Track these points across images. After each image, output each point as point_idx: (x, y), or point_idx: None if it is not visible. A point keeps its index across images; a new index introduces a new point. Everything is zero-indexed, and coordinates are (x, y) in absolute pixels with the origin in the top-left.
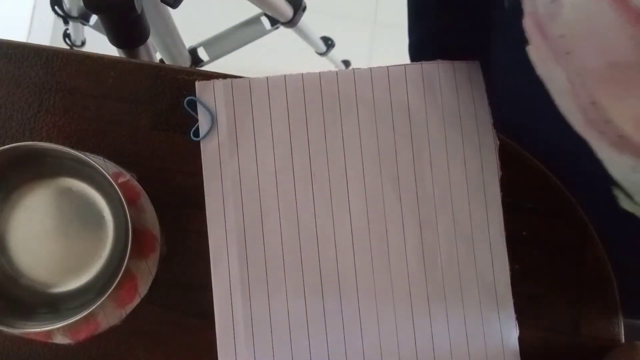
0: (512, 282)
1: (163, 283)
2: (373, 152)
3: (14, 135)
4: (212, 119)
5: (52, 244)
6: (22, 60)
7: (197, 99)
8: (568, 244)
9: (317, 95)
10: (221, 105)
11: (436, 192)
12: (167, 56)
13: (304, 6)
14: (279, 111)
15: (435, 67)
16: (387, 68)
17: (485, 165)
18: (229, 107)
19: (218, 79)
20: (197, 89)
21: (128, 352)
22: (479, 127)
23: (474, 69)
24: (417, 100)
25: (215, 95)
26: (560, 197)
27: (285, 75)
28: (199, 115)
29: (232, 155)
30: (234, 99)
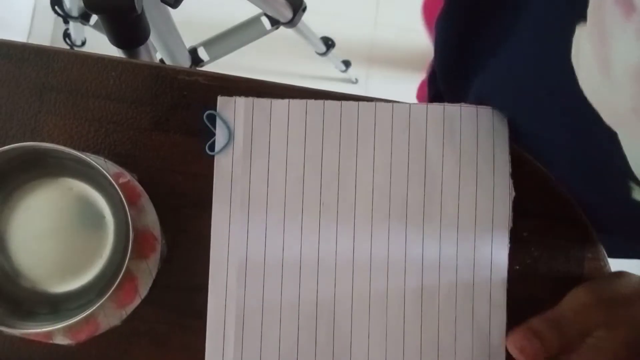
0: (512, 282)
1: (163, 284)
2: (384, 189)
3: (15, 136)
4: (229, 135)
5: (53, 245)
6: (23, 60)
7: (217, 113)
8: (568, 245)
9: (336, 124)
10: (239, 122)
11: (442, 238)
12: (167, 56)
13: (304, 6)
14: (296, 135)
15: (458, 110)
16: (409, 106)
17: (496, 214)
18: (247, 125)
19: (240, 97)
20: (219, 104)
21: (128, 353)
22: (495, 177)
23: (497, 116)
24: (435, 141)
25: (236, 111)
26: (560, 199)
27: (307, 101)
28: (217, 130)
29: (244, 173)
30: (254, 118)
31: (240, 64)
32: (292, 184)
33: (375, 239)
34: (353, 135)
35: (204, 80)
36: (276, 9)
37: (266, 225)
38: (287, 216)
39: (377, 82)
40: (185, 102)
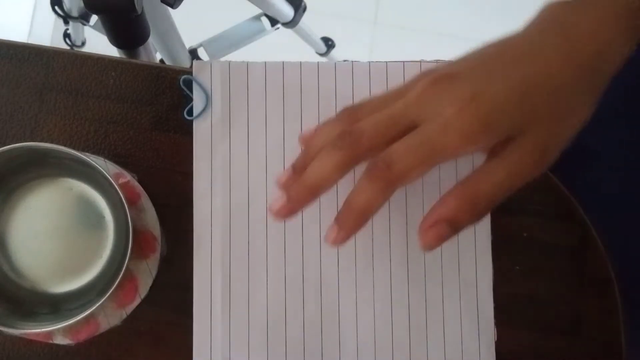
0: (512, 283)
1: (163, 283)
2: None
3: (15, 136)
4: (206, 99)
5: (53, 245)
6: (23, 60)
7: (193, 77)
8: (568, 245)
9: (314, 84)
10: (217, 86)
11: (425, 205)
12: (167, 56)
13: (305, 6)
14: (274, 97)
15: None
16: (386, 63)
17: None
18: (224, 88)
19: (216, 60)
20: (194, 68)
21: (128, 352)
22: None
23: None
24: None
25: (212, 75)
26: (560, 199)
27: (284, 62)
28: (194, 94)
29: (224, 136)
30: (230, 81)
31: None
32: (272, 146)
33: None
34: (331, 96)
35: None
36: (276, 9)
37: (248, 188)
38: (268, 178)
39: None
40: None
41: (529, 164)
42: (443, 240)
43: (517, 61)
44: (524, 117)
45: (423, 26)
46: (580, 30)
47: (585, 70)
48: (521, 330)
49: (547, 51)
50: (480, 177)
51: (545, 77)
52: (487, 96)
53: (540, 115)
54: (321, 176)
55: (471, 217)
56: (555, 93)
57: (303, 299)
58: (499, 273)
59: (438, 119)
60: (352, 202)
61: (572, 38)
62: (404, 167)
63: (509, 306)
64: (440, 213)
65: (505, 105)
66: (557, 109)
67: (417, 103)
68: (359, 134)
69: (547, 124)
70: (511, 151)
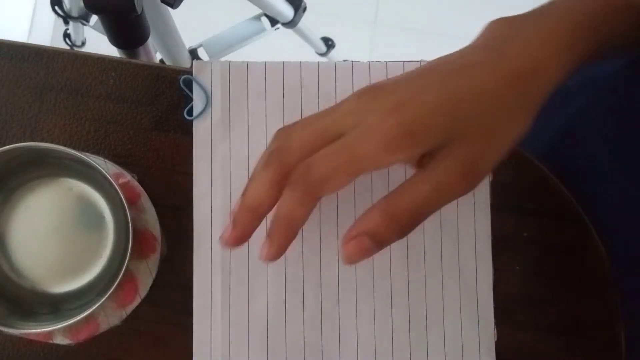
0: (512, 283)
1: (163, 283)
2: None
3: (15, 136)
4: (206, 99)
5: (53, 245)
6: (23, 60)
7: (193, 77)
8: (568, 245)
9: (314, 84)
10: (217, 86)
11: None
12: (167, 56)
13: (305, 6)
14: (274, 97)
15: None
16: (386, 63)
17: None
18: (224, 88)
19: (216, 60)
20: (194, 68)
21: (128, 352)
22: None
23: None
24: None
25: (212, 75)
26: (560, 198)
27: (284, 62)
28: (194, 94)
29: (224, 136)
30: (230, 81)
31: None
32: None
33: (358, 197)
34: (331, 96)
35: None
36: (276, 9)
37: None
38: None
39: None
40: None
41: (456, 178)
42: (365, 254)
43: (448, 74)
44: (451, 128)
45: (423, 26)
46: (514, 45)
47: (514, 85)
48: (521, 330)
49: (478, 65)
50: (405, 191)
51: (474, 89)
52: (412, 104)
53: (467, 127)
54: (257, 195)
55: (394, 232)
56: (483, 106)
57: (303, 300)
58: (499, 273)
59: (361, 126)
60: (277, 214)
61: (504, 52)
62: (322, 174)
63: (509, 306)
64: (362, 226)
65: (431, 115)
66: (485, 122)
67: (343, 114)
68: (287, 149)
69: (475, 136)
70: (438, 163)
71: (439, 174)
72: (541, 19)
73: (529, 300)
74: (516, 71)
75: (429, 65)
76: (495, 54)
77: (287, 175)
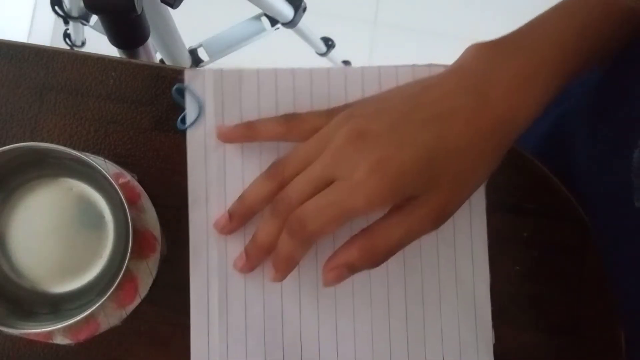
0: (512, 283)
1: (163, 284)
2: None
3: (15, 136)
4: (199, 108)
5: (53, 245)
6: (23, 60)
7: (185, 86)
8: (568, 245)
9: (307, 91)
10: (210, 94)
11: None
12: (167, 56)
13: (305, 6)
14: (267, 105)
15: (427, 70)
16: (379, 68)
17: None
18: (217, 96)
19: (209, 69)
20: (187, 77)
21: (128, 353)
22: None
23: None
24: None
25: (205, 84)
26: (561, 199)
27: (277, 69)
28: (186, 103)
29: (218, 145)
30: (223, 89)
31: (240, 64)
32: (267, 153)
33: None
34: (324, 102)
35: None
36: (276, 9)
37: None
38: None
39: None
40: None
41: (427, 222)
42: (342, 280)
43: (425, 125)
44: (427, 181)
45: (423, 26)
46: (495, 89)
47: (491, 136)
48: (521, 330)
49: (457, 114)
50: (381, 231)
51: (448, 142)
52: (394, 162)
53: (442, 180)
54: (269, 238)
55: (370, 264)
56: (457, 157)
57: (300, 304)
58: (499, 273)
59: (348, 180)
60: (280, 253)
61: (484, 97)
62: (316, 227)
63: (509, 306)
64: (342, 259)
65: (410, 172)
66: (458, 172)
67: (332, 163)
68: (288, 202)
69: (447, 186)
70: (412, 210)
71: (412, 219)
72: (525, 50)
73: (529, 300)
74: (495, 121)
75: (406, 108)
76: (474, 100)
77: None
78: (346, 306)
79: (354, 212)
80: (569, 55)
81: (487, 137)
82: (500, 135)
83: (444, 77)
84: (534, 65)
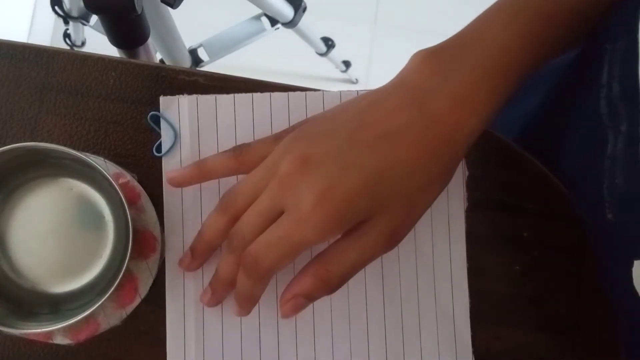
0: (512, 283)
1: (163, 284)
2: None
3: (15, 136)
4: (175, 135)
5: (53, 245)
6: (23, 60)
7: (160, 114)
8: (568, 245)
9: (284, 115)
10: (185, 121)
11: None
12: (167, 56)
13: (305, 6)
14: (244, 130)
15: None
16: (357, 92)
17: (451, 194)
18: (193, 123)
19: (183, 95)
20: (162, 104)
21: (128, 353)
22: None
23: None
24: None
25: (180, 111)
26: (561, 198)
27: (253, 95)
28: (162, 130)
29: None
30: (199, 116)
31: (240, 64)
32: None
33: None
34: None
35: (204, 80)
36: (276, 9)
37: None
38: None
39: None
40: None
41: (379, 245)
42: (300, 309)
43: (371, 147)
44: (375, 206)
45: (423, 26)
46: (439, 102)
47: (438, 153)
48: (521, 330)
49: (399, 134)
50: (334, 257)
51: (395, 163)
52: (339, 191)
53: (390, 203)
54: (228, 274)
55: (325, 291)
56: (404, 179)
57: (278, 335)
58: (499, 273)
59: (295, 212)
60: (240, 292)
61: (427, 116)
62: (270, 264)
63: (509, 306)
64: (297, 289)
65: (356, 199)
66: (406, 194)
67: (279, 193)
68: (242, 238)
69: (397, 209)
70: (363, 233)
71: (364, 243)
72: (468, 57)
73: (529, 300)
74: (442, 142)
75: (349, 130)
76: (420, 118)
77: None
78: (325, 337)
79: (304, 245)
80: (513, 58)
81: (435, 158)
82: (449, 155)
83: (388, 93)
84: (479, 73)
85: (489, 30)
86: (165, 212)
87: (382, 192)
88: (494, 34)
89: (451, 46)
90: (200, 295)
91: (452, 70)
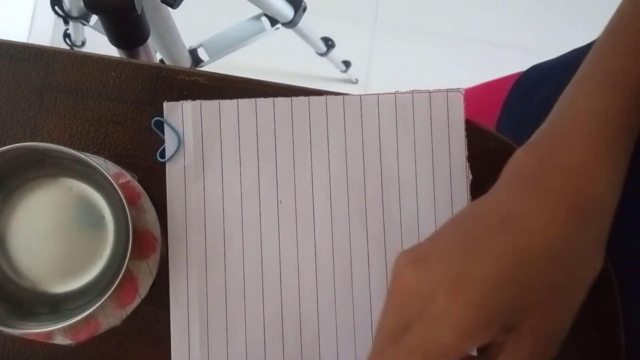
0: None
1: (163, 284)
2: (342, 182)
3: (15, 136)
4: (179, 141)
5: (53, 245)
6: (23, 60)
7: (164, 120)
8: None
9: (287, 120)
10: (189, 127)
11: (404, 228)
12: (167, 56)
13: (305, 6)
14: (247, 135)
15: (410, 97)
16: (360, 97)
17: (455, 199)
18: (196, 129)
19: (187, 101)
20: (165, 109)
21: (128, 353)
22: (452, 161)
23: (454, 99)
24: (388, 130)
25: (184, 117)
26: None
27: (256, 100)
28: (165, 136)
29: (197, 178)
30: (202, 122)
31: (241, 64)
32: (248, 185)
33: (336, 232)
34: (306, 131)
35: (204, 80)
36: (276, 9)
37: (224, 229)
38: (244, 217)
39: (377, 82)
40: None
41: (541, 355)
42: None
43: (496, 231)
44: (520, 299)
45: (423, 26)
46: (554, 176)
47: (573, 222)
48: None
49: (525, 212)
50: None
51: (534, 243)
52: (475, 277)
53: (540, 294)
54: None
55: None
56: (551, 261)
57: (283, 338)
58: None
59: (426, 315)
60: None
61: (548, 187)
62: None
63: None
64: None
65: (497, 287)
66: (558, 279)
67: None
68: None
69: (551, 302)
70: (516, 346)
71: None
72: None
73: None
74: (570, 205)
75: (463, 224)
76: (538, 192)
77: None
78: (330, 340)
79: (444, 353)
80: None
81: (569, 226)
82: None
83: (495, 188)
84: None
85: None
86: (169, 219)
87: (525, 279)
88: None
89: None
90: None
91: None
